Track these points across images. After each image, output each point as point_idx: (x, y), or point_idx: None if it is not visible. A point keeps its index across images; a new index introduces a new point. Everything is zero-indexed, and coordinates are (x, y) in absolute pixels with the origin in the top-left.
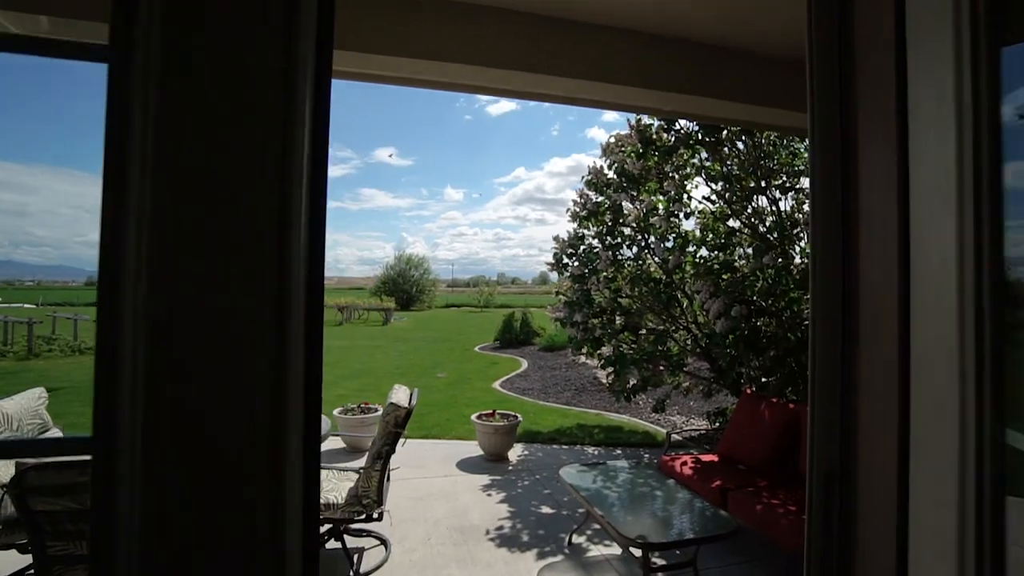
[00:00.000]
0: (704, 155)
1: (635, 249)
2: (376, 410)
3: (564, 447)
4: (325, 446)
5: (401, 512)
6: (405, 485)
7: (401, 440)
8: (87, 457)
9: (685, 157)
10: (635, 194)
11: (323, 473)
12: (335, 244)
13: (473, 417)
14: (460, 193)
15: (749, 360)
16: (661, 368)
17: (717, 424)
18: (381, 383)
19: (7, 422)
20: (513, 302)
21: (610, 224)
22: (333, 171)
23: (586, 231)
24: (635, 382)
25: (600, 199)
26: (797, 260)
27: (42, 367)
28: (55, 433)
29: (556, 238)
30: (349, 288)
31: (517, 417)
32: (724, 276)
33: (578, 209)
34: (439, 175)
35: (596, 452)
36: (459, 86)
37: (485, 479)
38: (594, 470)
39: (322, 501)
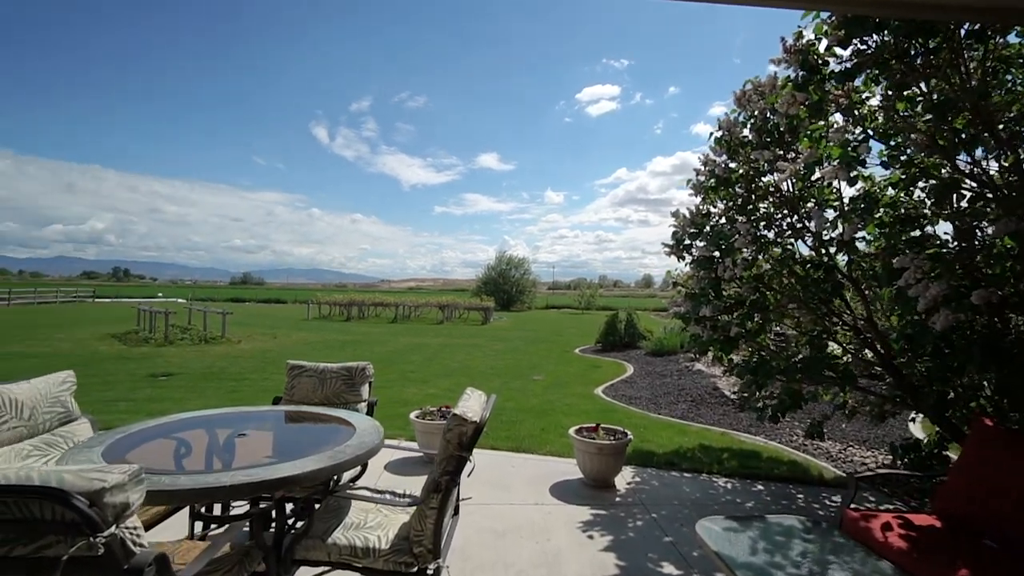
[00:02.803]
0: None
1: (774, 230)
2: None
3: (686, 475)
4: (393, 455)
5: (473, 554)
6: (484, 513)
7: (468, 465)
8: None
9: (865, 90)
10: (781, 153)
11: (362, 506)
12: (440, 247)
13: (572, 432)
14: (561, 196)
15: (985, 373)
16: (822, 381)
17: (906, 460)
18: (474, 383)
19: (16, 409)
20: (615, 304)
21: (744, 195)
22: (439, 177)
23: (712, 207)
24: (781, 398)
25: (733, 164)
26: None
27: (171, 353)
28: (83, 423)
29: (675, 214)
30: (453, 289)
31: (626, 435)
32: (942, 249)
33: (703, 178)
34: (540, 178)
35: (729, 485)
36: None
37: (585, 512)
38: (749, 528)
39: (359, 544)
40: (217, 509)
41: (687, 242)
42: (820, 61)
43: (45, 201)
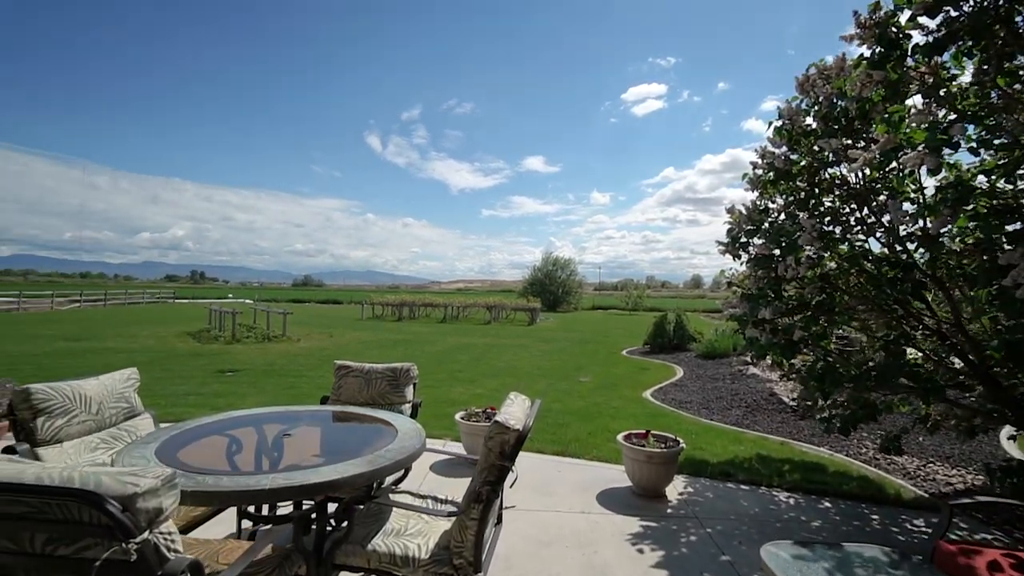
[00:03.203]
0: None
1: (841, 225)
2: None
3: (743, 487)
4: (440, 456)
5: (517, 563)
6: (528, 519)
7: (511, 475)
8: None
9: (954, 65)
10: (849, 142)
11: (401, 513)
12: (488, 249)
13: (620, 438)
14: (607, 197)
15: None
16: (899, 390)
17: (1008, 484)
18: (520, 383)
19: (85, 404)
20: (663, 305)
21: (807, 189)
22: (486, 181)
23: (771, 202)
24: (851, 408)
25: (794, 156)
26: None
27: (238, 350)
28: (145, 418)
29: (731, 210)
30: (500, 290)
31: (678, 443)
32: None
33: (761, 172)
34: (585, 180)
35: (792, 501)
36: None
37: (634, 524)
38: (823, 558)
39: (399, 552)
40: (266, 508)
41: (743, 240)
42: (901, 35)
43: (135, 212)
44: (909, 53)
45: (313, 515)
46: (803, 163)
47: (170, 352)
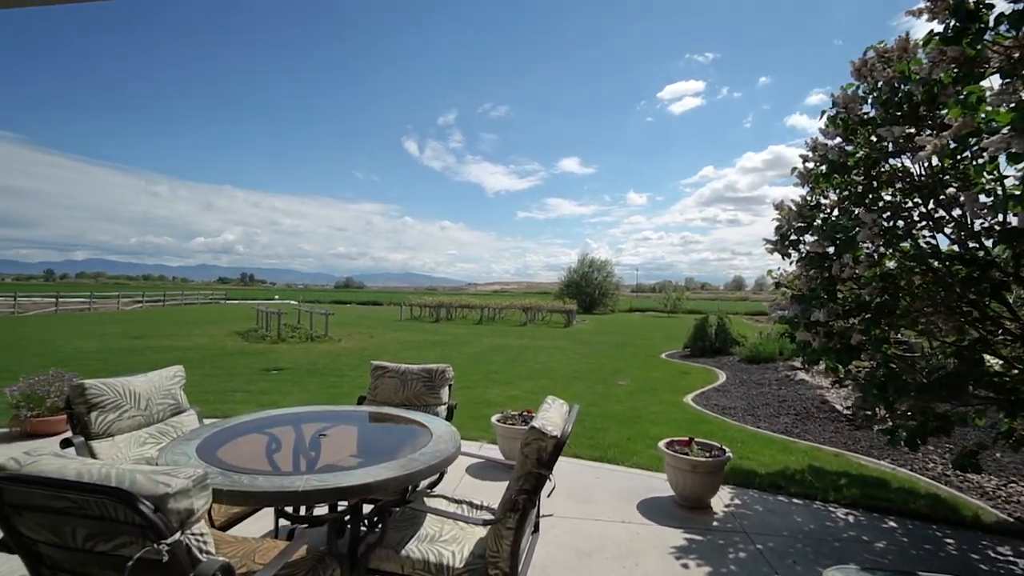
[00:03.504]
0: None
1: (903, 220)
2: None
3: (795, 501)
4: (475, 459)
5: (554, 575)
6: (566, 527)
7: (548, 483)
8: None
9: None
10: (912, 130)
11: (435, 518)
12: (524, 251)
13: (662, 445)
14: (643, 197)
15: None
16: (975, 401)
17: None
18: (556, 386)
19: (134, 400)
20: (703, 308)
21: (864, 182)
22: (521, 183)
23: (823, 198)
24: (921, 420)
25: (849, 147)
26: None
27: (283, 350)
28: (190, 415)
29: (779, 206)
30: (536, 292)
31: (724, 451)
32: None
33: (812, 165)
34: (621, 180)
35: (851, 518)
36: None
37: (678, 536)
38: None
39: (433, 560)
40: (303, 508)
41: (793, 238)
42: (980, 5)
43: (191, 218)
44: (990, 27)
45: (347, 517)
46: (860, 154)
47: (220, 350)
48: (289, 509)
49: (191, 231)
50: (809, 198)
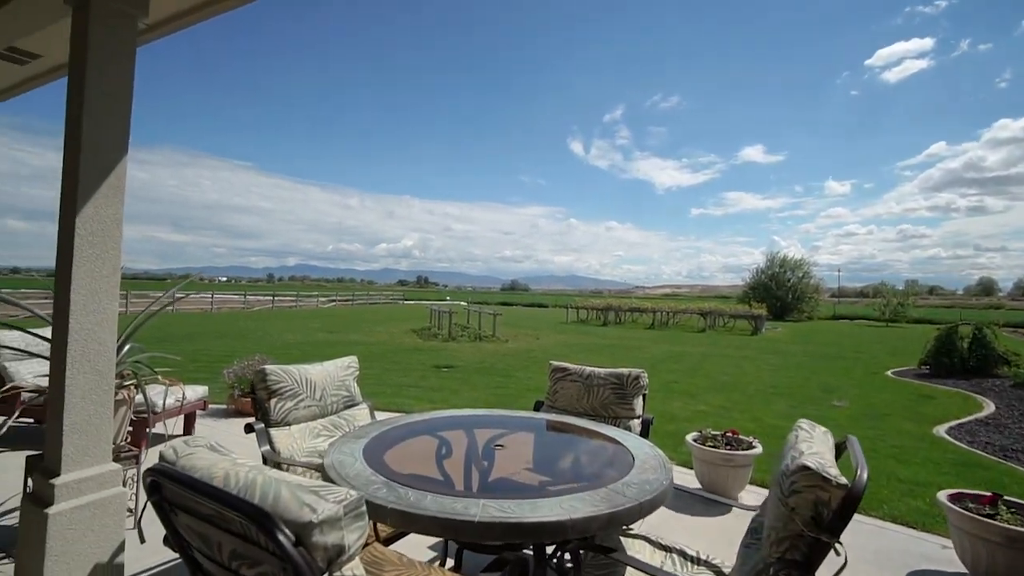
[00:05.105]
0: None
1: None
2: (752, 446)
3: None
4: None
5: None
6: None
7: (838, 558)
8: None
9: None
10: None
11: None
12: (698, 251)
13: (944, 499)
14: (846, 185)
15: None
16: None
17: None
18: (752, 402)
19: (310, 389)
20: (934, 316)
21: None
22: (695, 178)
23: None
24: None
25: None
26: None
27: (453, 348)
28: (362, 409)
29: None
30: (712, 296)
31: None
32: None
33: None
34: (817, 167)
35: None
36: None
37: None
38: None
39: None
40: None
41: None
42: None
43: (376, 226)
44: None
45: (529, 561)
46: None
47: (398, 347)
48: None
49: (376, 238)
50: None
